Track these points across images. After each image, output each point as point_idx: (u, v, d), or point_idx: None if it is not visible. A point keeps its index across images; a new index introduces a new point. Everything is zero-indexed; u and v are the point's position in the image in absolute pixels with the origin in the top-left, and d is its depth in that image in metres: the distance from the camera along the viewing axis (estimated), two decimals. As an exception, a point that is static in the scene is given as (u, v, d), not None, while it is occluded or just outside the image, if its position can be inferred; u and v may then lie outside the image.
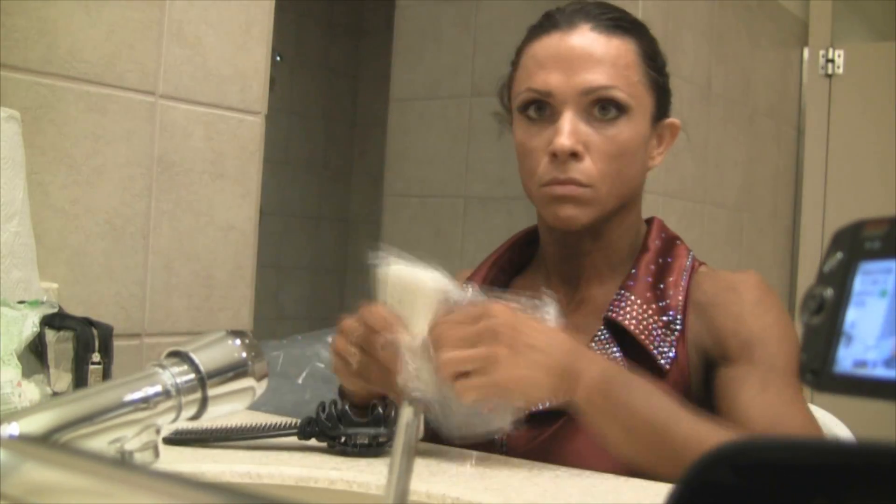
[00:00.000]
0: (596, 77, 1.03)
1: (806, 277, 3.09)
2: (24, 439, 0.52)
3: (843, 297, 0.40)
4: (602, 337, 1.05)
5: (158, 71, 1.35)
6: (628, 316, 1.04)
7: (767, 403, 0.98)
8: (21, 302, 1.04)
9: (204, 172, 1.42)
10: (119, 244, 1.31)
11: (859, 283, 0.40)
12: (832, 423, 1.32)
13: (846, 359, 0.39)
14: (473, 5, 2.63)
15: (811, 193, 3.11)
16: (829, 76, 3.10)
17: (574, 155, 1.03)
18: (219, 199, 1.44)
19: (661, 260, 1.10)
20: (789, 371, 1.01)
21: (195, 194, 1.41)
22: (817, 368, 0.40)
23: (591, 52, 1.04)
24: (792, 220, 3.16)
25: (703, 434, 0.88)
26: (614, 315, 1.04)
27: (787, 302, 3.12)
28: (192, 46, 1.39)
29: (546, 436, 1.02)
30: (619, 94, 1.03)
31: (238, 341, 0.67)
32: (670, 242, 1.12)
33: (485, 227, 2.53)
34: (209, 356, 0.65)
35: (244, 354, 0.66)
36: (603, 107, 1.04)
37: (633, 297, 1.05)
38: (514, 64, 1.12)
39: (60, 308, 1.05)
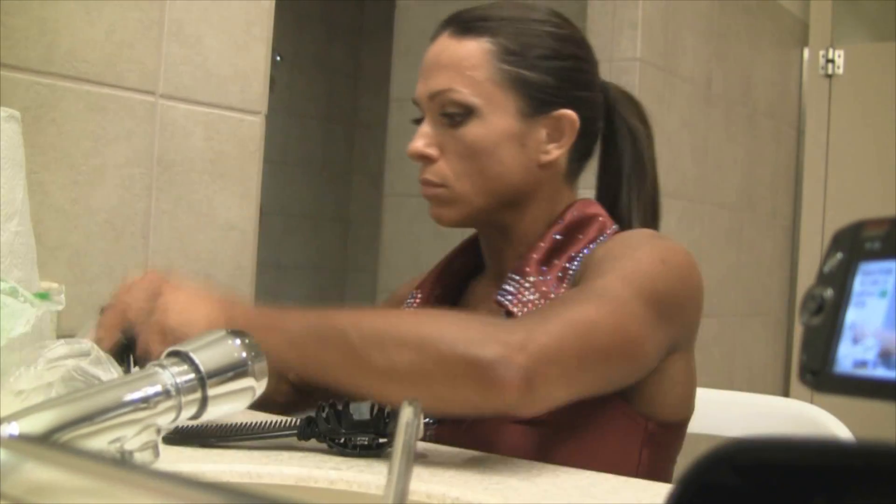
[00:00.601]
0: (438, 81, 1.08)
1: (806, 277, 3.10)
2: (24, 439, 0.53)
3: (843, 298, 0.40)
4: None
5: (158, 71, 1.35)
6: (508, 297, 1.04)
7: (561, 296, 1.00)
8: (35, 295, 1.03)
9: (204, 172, 1.42)
10: (119, 244, 1.31)
11: (859, 283, 0.40)
12: (832, 423, 1.32)
13: (846, 359, 0.39)
14: (473, 5, 2.62)
15: (811, 193, 3.11)
16: (829, 76, 3.10)
17: (428, 157, 1.10)
18: (219, 198, 1.44)
19: (561, 237, 1.08)
20: (618, 284, 0.95)
21: (195, 194, 1.41)
22: (817, 369, 0.40)
23: (438, 59, 1.09)
24: (792, 220, 3.16)
25: (398, 322, 0.91)
26: (500, 298, 1.05)
27: (787, 302, 3.12)
28: (192, 46, 1.39)
29: (467, 424, 1.02)
30: (458, 97, 1.06)
31: (238, 341, 0.67)
32: (587, 220, 1.10)
33: (485, 227, 2.52)
34: (209, 356, 0.65)
35: (244, 354, 0.66)
36: (447, 109, 1.08)
37: (512, 275, 1.06)
38: None
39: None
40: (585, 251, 1.07)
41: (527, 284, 1.05)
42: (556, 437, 1.00)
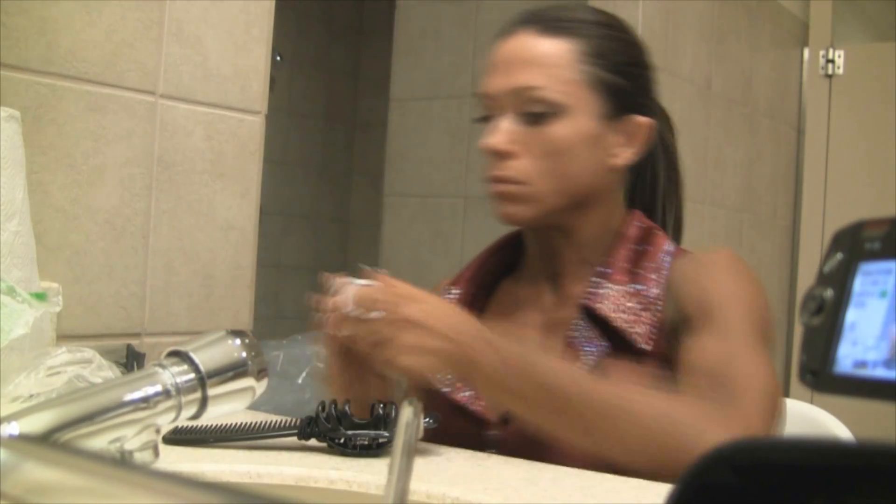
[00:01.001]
0: (525, 78, 1.06)
1: (806, 277, 3.09)
2: (24, 438, 0.52)
3: (842, 298, 0.40)
4: (579, 325, 1.06)
5: (158, 70, 1.35)
6: (605, 302, 1.05)
7: (716, 353, 1.00)
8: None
9: (204, 172, 1.42)
10: (119, 244, 1.31)
11: (859, 283, 0.40)
12: (832, 423, 1.32)
13: (846, 359, 0.39)
14: (473, 5, 2.63)
15: (811, 193, 3.11)
16: (830, 76, 3.10)
17: (507, 154, 1.07)
18: (219, 198, 1.44)
19: (637, 247, 1.11)
20: (750, 332, 1.01)
21: (195, 194, 1.41)
22: (817, 369, 0.40)
23: (521, 55, 1.07)
24: (792, 220, 3.16)
25: (626, 397, 0.92)
26: (589, 302, 1.06)
27: (787, 302, 3.12)
28: (192, 46, 1.39)
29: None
30: (548, 94, 1.06)
31: (238, 341, 0.67)
32: (648, 231, 1.13)
33: (485, 227, 2.52)
34: (209, 356, 0.65)
35: (244, 354, 0.66)
36: (533, 107, 1.06)
37: (608, 284, 1.07)
38: None
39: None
40: (665, 262, 1.09)
41: (623, 290, 1.06)
42: None
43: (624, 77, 1.10)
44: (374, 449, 0.94)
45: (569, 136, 1.06)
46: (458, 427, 1.06)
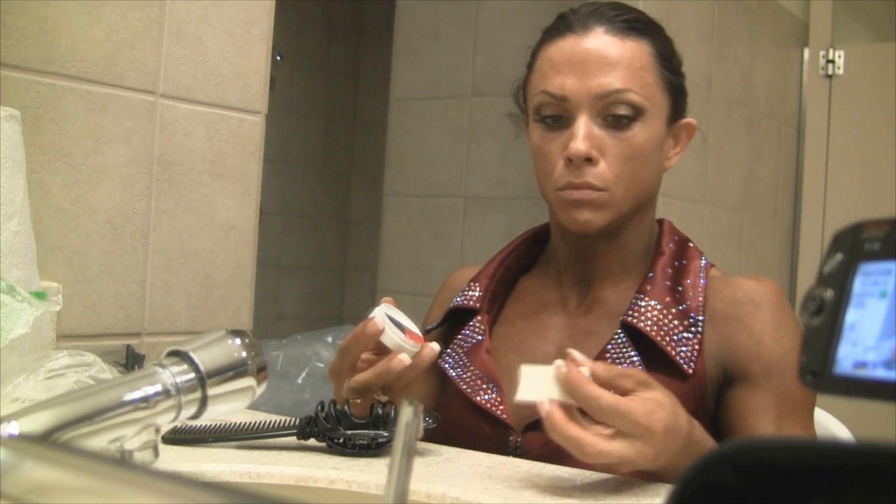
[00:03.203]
0: (610, 80, 1.03)
1: (806, 278, 3.09)
2: (24, 438, 0.52)
3: (843, 299, 0.40)
4: (619, 340, 1.04)
5: (159, 70, 1.35)
6: (647, 320, 1.03)
7: (773, 421, 1.00)
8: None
9: (204, 172, 1.42)
10: (119, 243, 1.31)
11: (859, 284, 0.40)
12: (832, 423, 1.32)
13: (846, 360, 0.39)
14: (473, 5, 2.63)
15: (811, 193, 3.11)
16: (830, 77, 3.10)
17: (589, 159, 1.03)
18: (219, 198, 1.44)
19: (676, 263, 1.09)
20: (804, 403, 1.02)
21: (195, 194, 1.41)
22: (817, 369, 0.40)
23: (605, 56, 1.04)
24: (792, 220, 3.16)
25: None
26: (632, 320, 1.03)
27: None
28: (192, 46, 1.39)
29: None
30: (634, 97, 1.03)
31: (238, 341, 0.67)
32: (683, 244, 1.12)
33: (485, 227, 2.53)
34: (209, 355, 0.65)
35: (244, 354, 0.66)
36: (617, 110, 1.04)
37: (651, 301, 1.04)
38: (530, 66, 1.12)
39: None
40: (702, 279, 1.08)
41: (665, 309, 1.04)
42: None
43: (681, 78, 1.11)
44: (374, 449, 0.94)
45: (648, 140, 1.05)
46: (478, 432, 1.05)
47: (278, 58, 3.01)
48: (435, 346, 0.97)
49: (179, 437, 0.95)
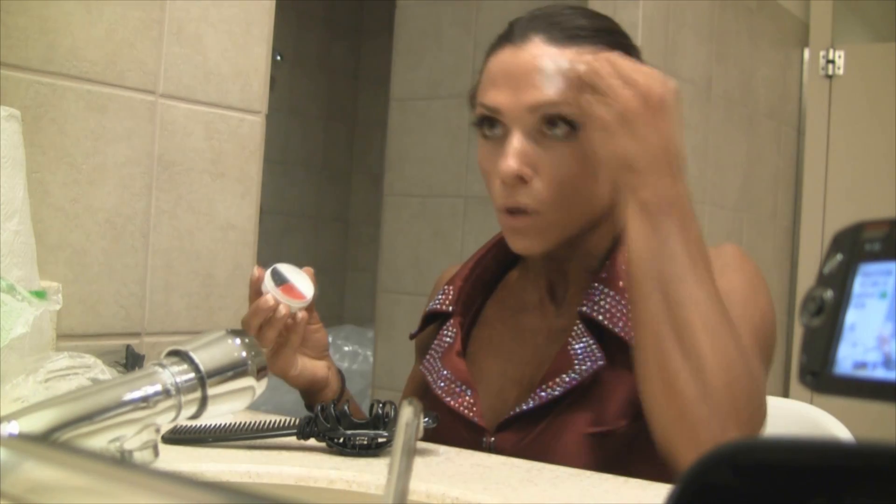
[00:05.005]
0: (542, 93, 0.97)
1: (806, 278, 3.09)
2: (24, 438, 0.52)
3: (842, 299, 0.40)
4: (578, 331, 1.03)
5: (159, 70, 1.35)
6: (601, 308, 1.02)
7: None
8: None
9: (204, 171, 1.42)
10: (119, 243, 1.31)
11: (859, 284, 0.40)
12: (832, 423, 1.32)
13: (846, 360, 0.39)
14: (473, 5, 2.63)
15: (811, 194, 3.11)
16: (830, 77, 3.10)
17: (522, 178, 0.98)
18: (219, 198, 1.44)
19: None
20: (747, 331, 0.98)
21: (195, 193, 1.41)
22: (817, 370, 0.40)
23: (539, 67, 0.98)
24: (792, 220, 3.16)
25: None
26: (587, 310, 1.02)
27: (787, 302, 3.12)
28: (192, 45, 1.39)
29: (532, 436, 1.02)
30: (568, 110, 0.97)
31: (238, 340, 0.67)
32: None
33: (485, 227, 2.52)
34: (209, 355, 0.65)
35: (244, 353, 0.66)
36: (552, 124, 0.98)
37: (605, 289, 1.03)
38: (480, 73, 1.07)
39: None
40: None
41: (622, 296, 1.02)
42: (621, 448, 0.99)
43: None
44: (374, 449, 0.94)
45: (589, 156, 0.98)
46: (454, 434, 1.05)
47: (278, 58, 3.01)
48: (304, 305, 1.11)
49: (179, 437, 0.95)
